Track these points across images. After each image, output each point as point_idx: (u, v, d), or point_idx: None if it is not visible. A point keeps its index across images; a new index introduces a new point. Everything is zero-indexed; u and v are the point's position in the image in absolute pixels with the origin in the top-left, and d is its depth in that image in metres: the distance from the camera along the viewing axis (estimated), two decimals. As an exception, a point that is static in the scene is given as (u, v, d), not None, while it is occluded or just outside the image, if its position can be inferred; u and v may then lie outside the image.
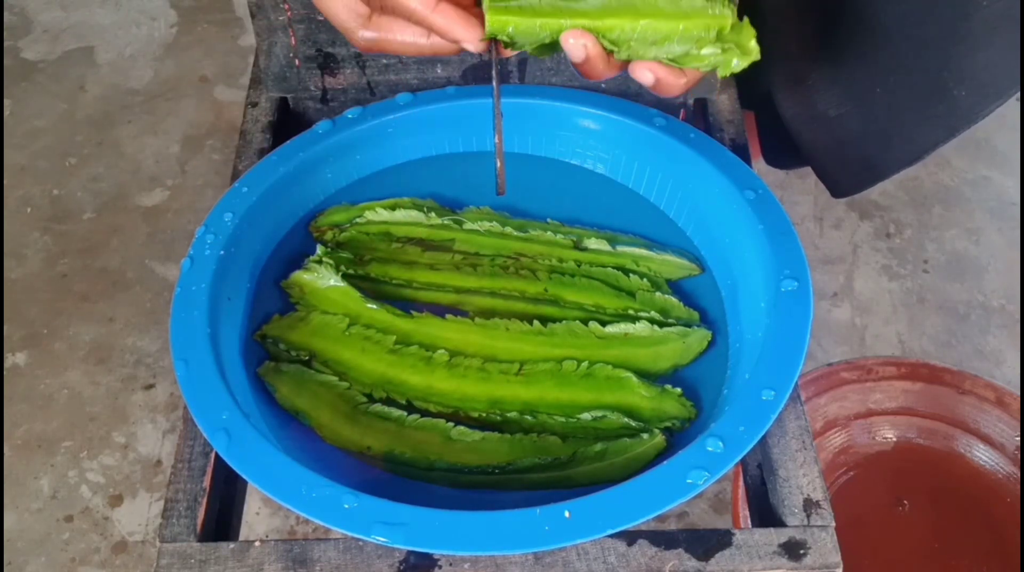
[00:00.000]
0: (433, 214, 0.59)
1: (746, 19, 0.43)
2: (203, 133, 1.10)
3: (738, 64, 0.42)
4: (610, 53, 0.42)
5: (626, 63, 0.43)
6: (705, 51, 0.42)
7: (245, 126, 0.64)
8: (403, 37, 0.43)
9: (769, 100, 0.69)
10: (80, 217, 1.00)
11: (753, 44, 0.42)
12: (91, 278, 0.94)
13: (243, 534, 0.58)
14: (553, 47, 0.43)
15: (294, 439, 0.48)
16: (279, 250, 0.58)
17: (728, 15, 0.42)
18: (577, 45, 0.41)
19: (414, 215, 0.59)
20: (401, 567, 0.42)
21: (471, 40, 0.42)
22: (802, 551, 0.43)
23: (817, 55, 0.64)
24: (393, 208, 0.59)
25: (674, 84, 0.43)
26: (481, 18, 0.42)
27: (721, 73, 0.42)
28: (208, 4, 1.27)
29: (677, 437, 0.48)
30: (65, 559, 0.75)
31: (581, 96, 0.61)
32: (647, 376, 0.51)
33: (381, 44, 0.44)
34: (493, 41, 0.42)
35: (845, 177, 0.67)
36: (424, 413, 0.50)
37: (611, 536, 0.42)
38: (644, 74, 0.43)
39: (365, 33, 0.44)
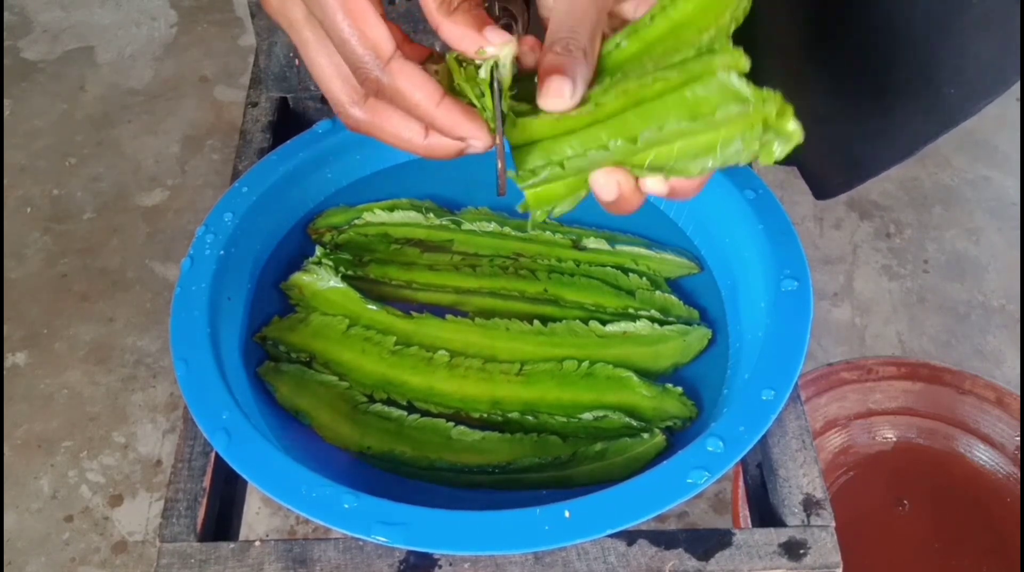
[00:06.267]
0: (431, 215, 0.59)
1: (781, 100, 0.36)
2: (203, 133, 1.10)
3: (780, 150, 0.36)
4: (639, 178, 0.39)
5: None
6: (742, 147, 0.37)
7: (245, 126, 0.64)
8: (398, 130, 0.39)
9: None
10: (80, 217, 1.00)
11: (792, 127, 0.36)
12: (91, 278, 0.94)
13: (243, 534, 0.57)
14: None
15: (294, 439, 0.48)
16: (279, 251, 0.58)
17: (772, 108, 0.35)
18: (610, 183, 0.38)
19: (412, 216, 0.59)
20: (401, 567, 0.42)
21: (479, 137, 0.38)
22: (802, 551, 0.43)
23: (808, 53, 0.64)
24: (391, 209, 0.59)
25: (690, 188, 0.39)
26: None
27: (764, 162, 0.37)
28: (208, 4, 1.27)
29: (677, 437, 0.48)
30: (65, 559, 0.75)
31: (581, 96, 0.61)
32: (647, 375, 0.51)
33: (373, 129, 0.40)
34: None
35: (831, 177, 0.67)
36: (425, 414, 0.50)
37: (611, 536, 0.42)
38: (659, 189, 0.39)
39: (357, 112, 0.39)
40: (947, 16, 0.54)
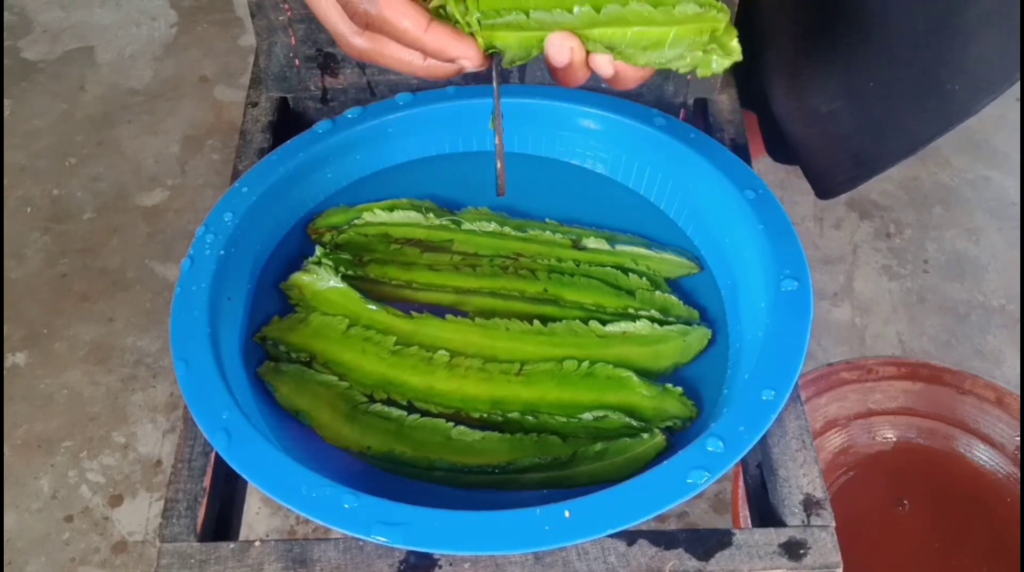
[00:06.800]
0: (431, 215, 0.59)
1: (729, 16, 0.42)
2: (203, 133, 1.10)
3: (718, 64, 0.41)
4: (590, 53, 0.41)
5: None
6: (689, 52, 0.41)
7: (245, 126, 0.64)
8: (398, 55, 0.41)
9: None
10: (80, 217, 1.00)
11: (735, 44, 0.41)
12: (91, 278, 0.94)
13: (243, 534, 0.57)
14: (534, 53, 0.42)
15: (294, 439, 0.48)
16: (279, 251, 0.58)
17: (723, 18, 0.41)
18: (563, 47, 0.40)
19: (412, 216, 0.59)
20: (401, 567, 0.42)
21: (470, 57, 0.40)
22: (802, 551, 0.43)
23: (811, 50, 0.64)
24: (391, 209, 0.59)
25: (632, 77, 0.42)
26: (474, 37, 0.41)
27: (701, 73, 0.42)
28: (208, 4, 1.27)
29: (677, 437, 0.48)
30: (65, 559, 0.75)
31: (581, 96, 0.61)
32: (648, 375, 0.51)
33: (374, 55, 0.41)
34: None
35: (835, 174, 0.67)
36: (425, 414, 0.50)
37: (611, 536, 0.42)
38: (605, 67, 0.42)
39: (358, 40, 0.41)
40: (950, 12, 0.55)
